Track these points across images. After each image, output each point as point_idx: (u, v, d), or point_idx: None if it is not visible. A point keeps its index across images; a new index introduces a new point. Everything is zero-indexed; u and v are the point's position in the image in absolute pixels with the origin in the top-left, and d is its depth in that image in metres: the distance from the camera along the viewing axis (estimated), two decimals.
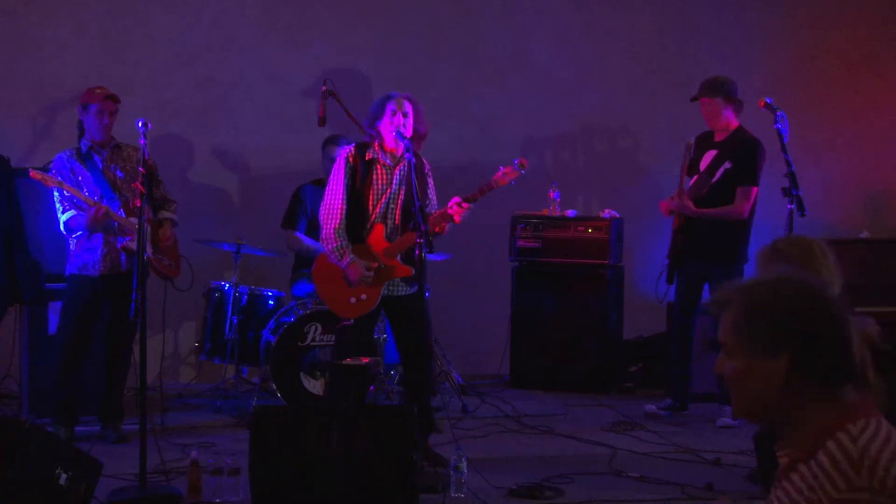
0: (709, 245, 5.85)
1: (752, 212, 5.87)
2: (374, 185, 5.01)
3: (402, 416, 4.29)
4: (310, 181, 6.46)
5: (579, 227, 6.95)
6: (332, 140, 6.37)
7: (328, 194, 5.03)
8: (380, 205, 5.02)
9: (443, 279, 6.80)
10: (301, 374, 5.91)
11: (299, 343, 5.90)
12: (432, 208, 5.18)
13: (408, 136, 4.96)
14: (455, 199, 5.02)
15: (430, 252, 4.85)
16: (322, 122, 6.30)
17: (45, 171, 5.48)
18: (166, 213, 5.67)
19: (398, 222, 5.04)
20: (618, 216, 7.03)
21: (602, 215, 7.01)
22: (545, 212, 7.03)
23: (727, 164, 5.81)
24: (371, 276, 4.97)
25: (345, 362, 4.62)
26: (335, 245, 4.97)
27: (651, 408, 6.12)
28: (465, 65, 7.51)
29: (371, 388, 5.70)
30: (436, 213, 5.07)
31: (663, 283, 6.12)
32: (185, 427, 5.79)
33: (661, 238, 6.43)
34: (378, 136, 5.01)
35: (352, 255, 4.95)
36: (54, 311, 5.68)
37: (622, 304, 7.15)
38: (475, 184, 7.15)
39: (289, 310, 6.11)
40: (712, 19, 7.80)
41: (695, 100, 5.96)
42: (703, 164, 5.93)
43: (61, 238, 5.58)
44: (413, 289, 5.05)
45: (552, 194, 7.00)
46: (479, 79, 7.53)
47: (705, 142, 5.97)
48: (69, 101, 6.42)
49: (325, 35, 7.26)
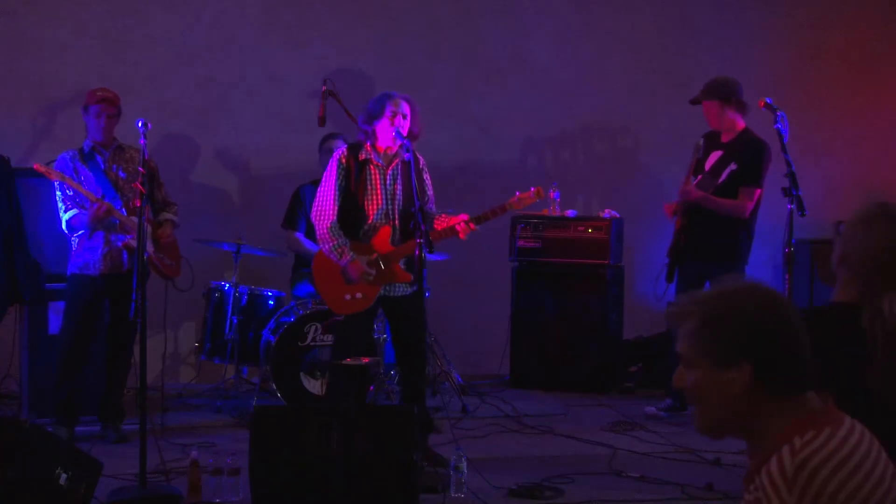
0: (710, 245, 5.84)
1: (754, 213, 5.86)
2: (368, 185, 5.01)
3: (402, 416, 4.30)
4: (309, 181, 6.46)
5: (579, 227, 6.95)
6: (330, 136, 6.38)
7: (319, 195, 5.05)
8: (376, 205, 5.02)
9: (443, 279, 6.80)
10: (301, 374, 5.91)
11: (299, 343, 5.91)
12: (430, 205, 5.19)
13: (405, 136, 4.97)
14: (463, 217, 5.03)
15: (430, 252, 4.85)
16: (322, 121, 6.31)
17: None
18: (167, 215, 5.68)
19: (399, 224, 5.05)
20: (618, 216, 7.03)
21: (602, 215, 7.01)
22: (545, 212, 7.00)
23: (733, 166, 5.79)
24: (372, 274, 4.97)
25: (345, 362, 4.62)
26: (333, 244, 4.97)
27: (651, 409, 6.12)
28: (465, 65, 7.51)
29: (371, 388, 5.70)
30: (444, 226, 5.08)
31: (662, 282, 6.12)
32: (185, 427, 5.79)
33: (661, 238, 6.43)
34: (372, 136, 5.01)
35: (351, 253, 4.96)
36: (54, 311, 5.69)
37: (622, 304, 7.15)
38: (475, 183, 7.22)
39: (289, 310, 6.11)
40: (712, 19, 7.80)
41: (695, 102, 5.95)
42: (708, 164, 5.91)
43: (61, 238, 5.58)
44: (413, 289, 5.05)
45: (552, 194, 6.99)
46: (479, 79, 7.53)
47: (712, 142, 5.95)
48: (69, 101, 6.43)
49: (325, 35, 7.26)
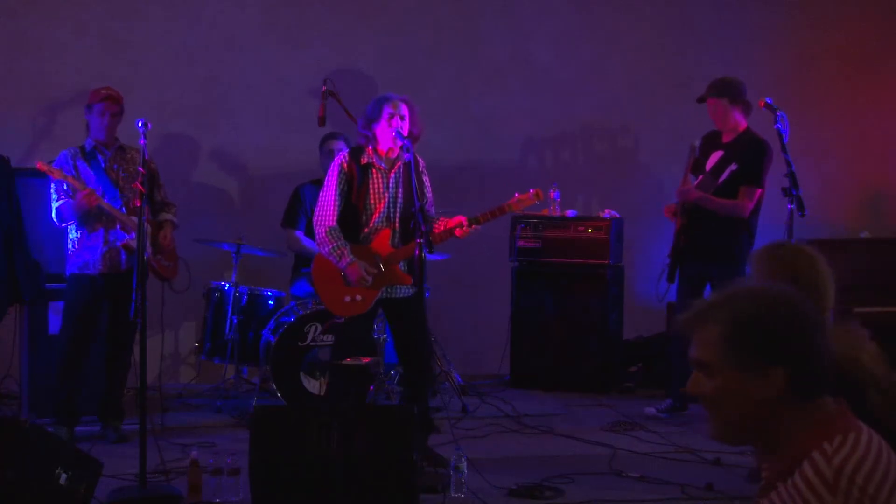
0: (711, 245, 5.84)
1: (755, 213, 5.86)
2: (371, 189, 5.01)
3: (402, 416, 4.30)
4: (309, 181, 6.46)
5: (579, 227, 6.95)
6: (330, 136, 6.38)
7: (321, 198, 5.05)
8: (379, 209, 5.02)
9: (443, 279, 6.80)
10: (301, 374, 5.91)
11: (299, 343, 5.91)
12: (429, 207, 5.19)
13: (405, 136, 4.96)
14: (460, 219, 5.02)
15: (430, 252, 4.85)
16: (322, 121, 6.31)
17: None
18: (166, 215, 5.69)
19: (398, 225, 5.05)
20: (618, 216, 7.03)
21: (602, 215, 7.01)
22: (545, 212, 7.02)
23: (733, 166, 5.79)
24: (370, 279, 4.98)
25: (345, 362, 4.62)
26: (332, 247, 4.97)
27: (651, 410, 6.11)
28: (465, 65, 7.51)
29: (371, 388, 5.70)
30: (442, 228, 5.08)
31: (664, 282, 6.12)
32: (185, 427, 5.79)
33: (661, 238, 6.44)
34: (373, 139, 5.01)
35: (351, 256, 4.96)
36: (54, 311, 5.69)
37: (622, 304, 7.14)
38: (475, 183, 7.22)
39: (289, 310, 6.11)
40: (712, 19, 7.80)
41: (701, 100, 5.94)
42: (708, 165, 5.90)
43: (61, 238, 5.58)
44: (413, 290, 5.05)
45: (552, 194, 7.00)
46: (479, 79, 7.53)
47: (712, 142, 5.94)
48: (69, 101, 6.43)
49: (325, 35, 7.26)
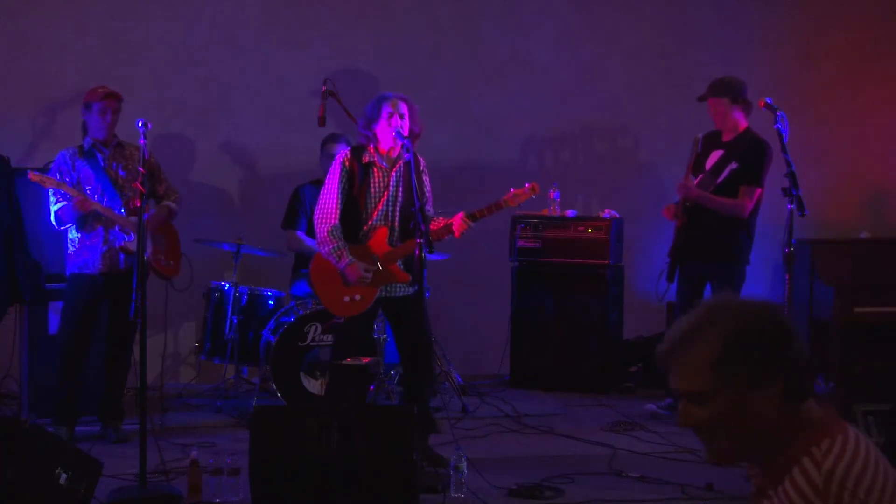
0: (711, 245, 5.84)
1: (754, 213, 5.86)
2: (372, 188, 5.01)
3: (402, 416, 4.30)
4: (309, 181, 6.46)
5: (579, 227, 6.95)
6: (331, 138, 6.37)
7: (322, 197, 5.05)
8: (378, 208, 5.03)
9: (443, 279, 6.80)
10: (301, 374, 5.91)
11: (299, 343, 5.91)
12: (428, 207, 5.19)
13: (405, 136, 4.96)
14: (460, 215, 5.03)
15: (430, 252, 4.85)
16: (322, 122, 6.31)
17: (45, 169, 5.49)
18: (166, 202, 5.68)
19: (398, 224, 5.05)
20: (618, 216, 7.03)
21: (602, 215, 7.01)
22: (545, 212, 7.03)
23: (733, 165, 5.79)
24: (369, 277, 4.98)
25: (345, 362, 4.62)
26: (332, 247, 4.97)
27: (651, 407, 6.12)
28: (465, 65, 7.51)
29: (371, 388, 5.70)
30: (440, 225, 5.08)
31: (663, 281, 6.11)
32: (185, 427, 5.79)
33: (661, 238, 6.44)
34: (374, 139, 5.01)
35: (350, 257, 4.96)
36: (54, 311, 5.69)
37: (622, 304, 7.14)
38: (475, 183, 7.21)
39: (289, 310, 6.11)
40: (712, 19, 7.79)
41: (702, 100, 5.94)
42: (708, 164, 5.90)
43: (61, 238, 5.58)
44: (412, 290, 5.05)
45: (552, 194, 7.00)
46: (479, 79, 7.53)
47: (712, 141, 5.94)
48: (69, 101, 6.43)
49: (325, 35, 7.25)
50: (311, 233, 6.29)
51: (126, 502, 4.35)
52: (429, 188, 5.22)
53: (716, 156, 5.90)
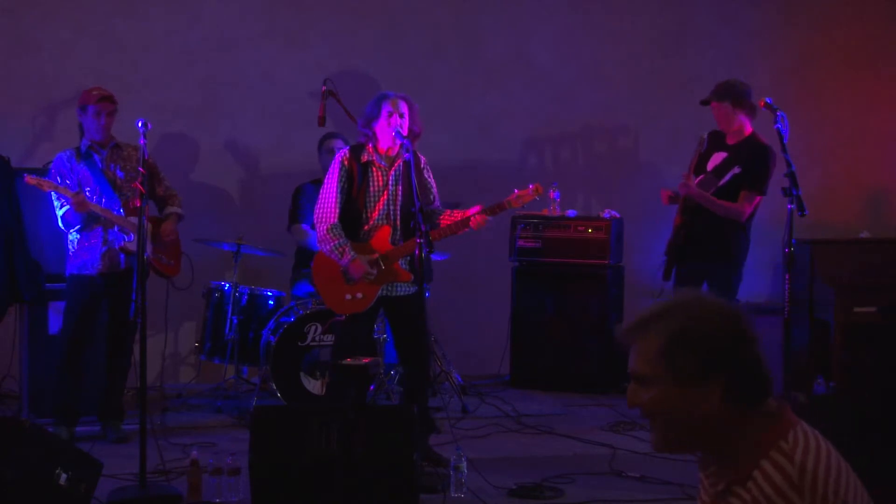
0: (707, 244, 5.83)
1: (751, 216, 5.85)
2: (371, 187, 5.01)
3: (402, 416, 4.30)
4: (309, 181, 6.46)
5: (579, 227, 6.95)
6: (328, 136, 6.38)
7: (321, 196, 5.04)
8: (378, 207, 5.02)
9: (443, 279, 6.79)
10: (301, 374, 5.91)
11: (299, 343, 5.91)
12: (437, 204, 5.19)
13: (405, 135, 4.96)
14: (477, 208, 5.01)
15: (431, 252, 4.85)
16: (322, 121, 6.31)
17: (44, 172, 5.50)
18: (171, 208, 5.70)
19: (399, 223, 5.05)
20: (618, 216, 7.03)
21: (602, 215, 7.01)
22: (545, 212, 7.00)
23: (736, 170, 5.76)
24: (374, 273, 4.97)
25: (345, 362, 4.62)
26: (333, 244, 4.97)
27: None
28: (465, 65, 7.51)
29: (371, 388, 5.70)
30: (456, 219, 5.04)
31: (661, 280, 6.11)
32: (185, 427, 5.79)
33: (661, 238, 6.42)
34: (373, 138, 5.01)
35: (352, 253, 4.95)
36: (54, 311, 5.69)
37: (622, 304, 7.14)
38: (475, 183, 7.21)
39: (289, 310, 6.11)
40: (712, 19, 7.80)
41: (705, 103, 5.92)
42: (711, 164, 5.88)
43: (61, 238, 5.58)
44: (413, 289, 5.05)
45: (552, 194, 6.99)
46: (479, 79, 7.53)
47: (716, 142, 5.91)
48: (69, 101, 6.42)
49: (325, 35, 7.25)
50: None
51: (126, 502, 4.35)
52: (433, 183, 5.22)
53: (719, 157, 5.87)
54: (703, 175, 5.91)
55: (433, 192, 5.20)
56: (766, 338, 1.87)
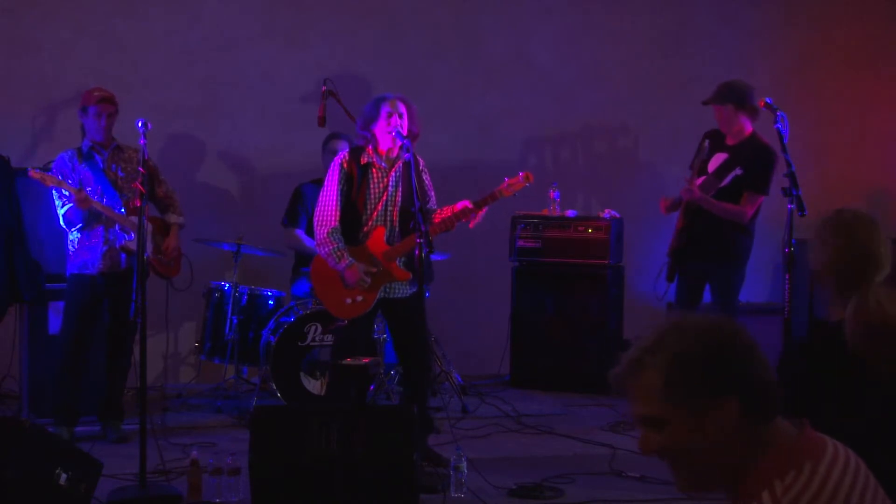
0: (711, 245, 5.82)
1: (755, 216, 5.85)
2: (371, 188, 5.01)
3: (402, 416, 4.30)
4: (310, 180, 6.46)
5: (579, 227, 6.95)
6: (333, 137, 6.38)
7: (322, 198, 5.04)
8: (377, 208, 5.02)
9: (443, 279, 6.79)
10: (301, 374, 5.91)
11: (299, 343, 5.91)
12: (432, 204, 5.19)
13: (404, 135, 4.96)
14: (465, 202, 5.00)
15: (431, 252, 4.84)
16: (322, 122, 6.31)
17: (46, 170, 5.50)
18: (173, 217, 5.69)
19: (397, 224, 5.04)
20: (618, 216, 7.03)
21: (602, 215, 7.01)
22: (545, 212, 7.03)
23: (738, 171, 5.75)
24: (368, 281, 4.97)
25: (345, 362, 4.62)
26: (331, 248, 4.97)
27: None
28: (465, 65, 7.51)
29: (371, 388, 5.70)
30: (448, 214, 5.04)
31: (662, 282, 6.10)
32: (185, 427, 5.79)
33: (661, 238, 6.43)
34: (372, 139, 5.01)
35: (349, 258, 4.95)
36: (54, 311, 5.69)
37: (622, 304, 7.14)
38: (475, 183, 7.20)
39: (289, 310, 6.11)
40: (712, 19, 7.80)
41: (706, 104, 5.91)
42: (712, 165, 5.87)
43: (61, 238, 5.58)
44: (412, 290, 5.05)
45: (552, 194, 7.00)
46: (479, 79, 7.53)
47: (717, 142, 5.90)
48: (69, 101, 6.43)
49: (325, 35, 7.25)
50: (310, 231, 6.30)
51: (126, 502, 4.35)
52: (430, 185, 5.22)
53: (720, 158, 5.85)
54: (704, 177, 5.90)
55: (430, 195, 5.19)
56: (766, 338, 1.81)
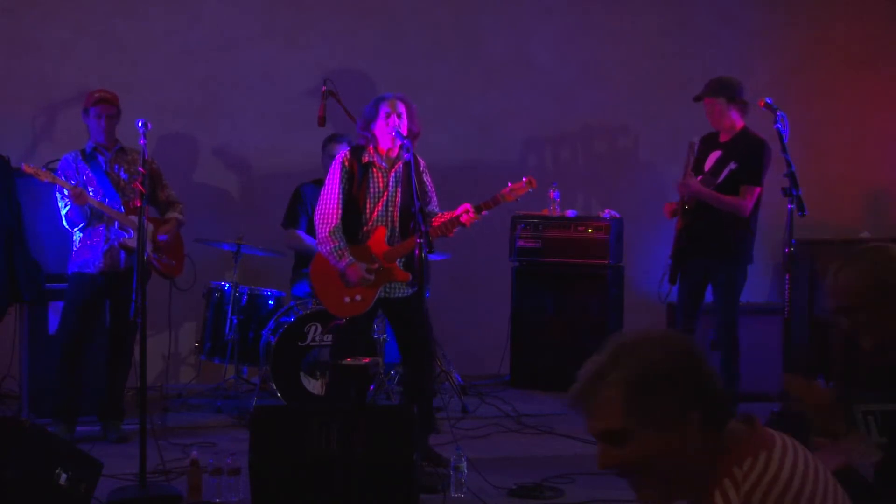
0: (713, 245, 5.83)
1: (755, 211, 5.85)
2: (371, 188, 5.01)
3: (402, 416, 4.30)
4: (310, 181, 6.46)
5: (579, 227, 6.95)
6: (332, 138, 6.38)
7: (323, 197, 5.04)
8: (377, 208, 5.02)
9: (443, 279, 6.80)
10: (301, 374, 5.91)
11: (299, 343, 5.91)
12: (433, 206, 5.19)
13: (404, 135, 4.96)
14: (466, 206, 5.01)
15: (430, 252, 4.85)
16: (322, 122, 6.31)
17: (51, 171, 5.50)
18: (172, 213, 5.71)
19: (397, 224, 5.04)
20: (618, 216, 7.03)
21: (602, 215, 7.01)
22: (545, 212, 7.03)
23: (732, 165, 5.77)
24: (371, 278, 4.97)
25: (345, 362, 4.62)
26: (333, 246, 4.97)
27: None
28: (465, 65, 7.51)
29: (371, 388, 5.70)
30: (445, 219, 5.05)
31: (665, 284, 6.11)
32: (185, 427, 5.79)
33: (661, 238, 6.43)
34: (373, 139, 5.01)
35: (350, 257, 4.95)
36: (54, 311, 5.69)
37: (622, 304, 7.14)
38: (475, 183, 7.21)
39: (289, 310, 6.11)
40: (712, 19, 7.80)
41: (698, 99, 5.94)
42: (707, 165, 5.90)
43: (61, 238, 5.59)
44: (412, 290, 5.05)
45: (552, 194, 7.00)
46: (479, 79, 7.53)
47: (710, 142, 5.93)
48: (69, 101, 6.43)
49: (325, 35, 7.26)
50: (311, 232, 6.30)
51: (126, 502, 4.35)
52: (431, 187, 5.22)
53: (714, 157, 5.88)
54: (700, 176, 5.92)
55: (431, 195, 5.19)
56: (766, 338, 1.83)
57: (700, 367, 1.78)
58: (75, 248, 5.50)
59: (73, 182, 5.40)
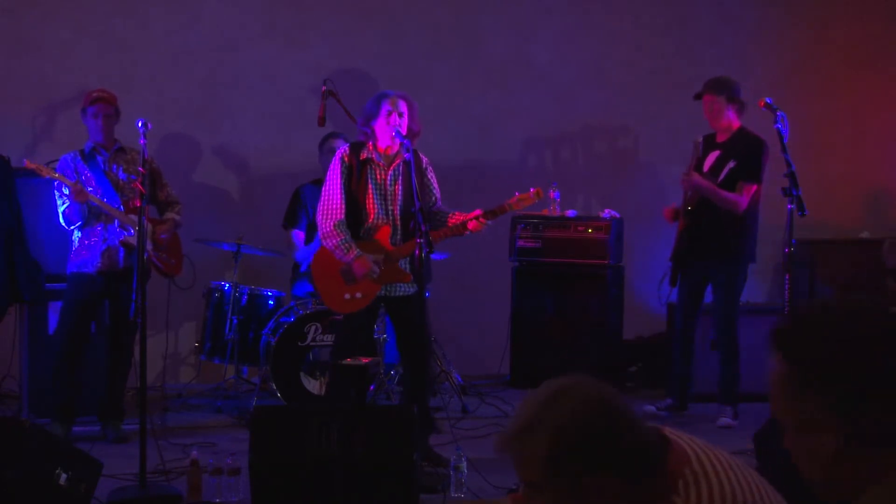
0: (713, 245, 5.84)
1: (755, 211, 5.86)
2: (369, 184, 5.00)
3: (402, 416, 4.29)
4: (309, 181, 6.46)
5: (579, 227, 6.95)
6: (330, 136, 6.38)
7: (325, 192, 5.03)
8: (375, 205, 5.01)
9: (443, 279, 6.79)
10: (301, 374, 5.91)
11: (299, 343, 5.91)
12: (438, 203, 5.18)
13: (404, 134, 4.95)
14: (478, 212, 5.00)
15: (431, 252, 4.84)
16: (322, 121, 6.31)
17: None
18: (170, 214, 5.71)
19: (399, 223, 5.04)
20: (618, 216, 7.02)
21: (602, 215, 7.01)
22: (545, 212, 7.00)
23: (731, 164, 5.79)
24: (377, 271, 4.95)
25: (345, 362, 4.62)
26: (339, 240, 4.95)
27: (650, 408, 6.11)
28: (465, 65, 7.51)
29: (371, 388, 5.69)
30: (457, 221, 5.04)
31: (666, 286, 6.11)
32: (185, 427, 5.79)
33: (660, 238, 6.43)
34: (372, 136, 5.01)
35: (357, 250, 4.94)
36: (54, 311, 5.69)
37: (622, 304, 7.14)
38: (475, 183, 7.22)
39: (289, 310, 6.11)
40: (712, 19, 7.80)
41: (698, 97, 5.95)
42: (706, 165, 5.92)
43: (61, 238, 5.59)
44: (413, 290, 5.04)
45: (552, 194, 6.99)
46: (479, 79, 7.53)
47: (708, 144, 5.95)
48: (69, 101, 6.43)
49: (325, 35, 7.26)
50: (310, 232, 6.30)
51: (126, 502, 4.35)
52: (435, 184, 5.21)
53: (713, 157, 5.90)
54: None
55: (435, 192, 5.18)
56: (766, 338, 1.82)
57: (621, 427, 1.79)
58: (74, 248, 5.50)
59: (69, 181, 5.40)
